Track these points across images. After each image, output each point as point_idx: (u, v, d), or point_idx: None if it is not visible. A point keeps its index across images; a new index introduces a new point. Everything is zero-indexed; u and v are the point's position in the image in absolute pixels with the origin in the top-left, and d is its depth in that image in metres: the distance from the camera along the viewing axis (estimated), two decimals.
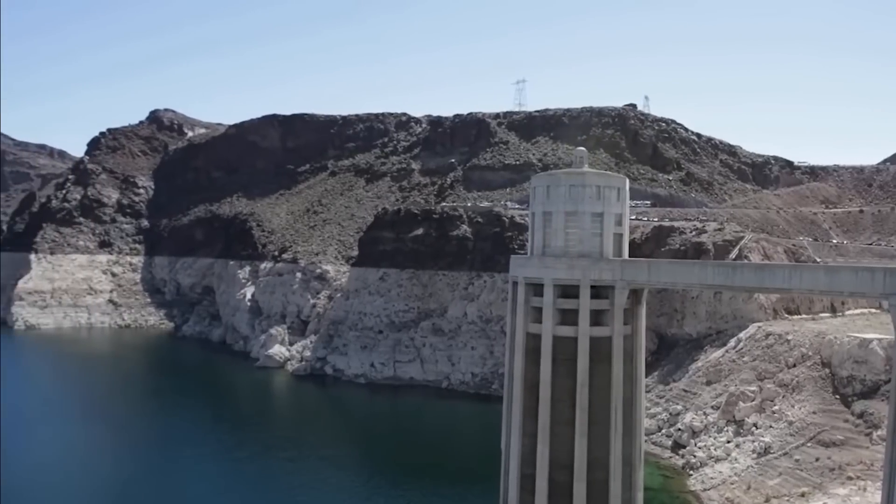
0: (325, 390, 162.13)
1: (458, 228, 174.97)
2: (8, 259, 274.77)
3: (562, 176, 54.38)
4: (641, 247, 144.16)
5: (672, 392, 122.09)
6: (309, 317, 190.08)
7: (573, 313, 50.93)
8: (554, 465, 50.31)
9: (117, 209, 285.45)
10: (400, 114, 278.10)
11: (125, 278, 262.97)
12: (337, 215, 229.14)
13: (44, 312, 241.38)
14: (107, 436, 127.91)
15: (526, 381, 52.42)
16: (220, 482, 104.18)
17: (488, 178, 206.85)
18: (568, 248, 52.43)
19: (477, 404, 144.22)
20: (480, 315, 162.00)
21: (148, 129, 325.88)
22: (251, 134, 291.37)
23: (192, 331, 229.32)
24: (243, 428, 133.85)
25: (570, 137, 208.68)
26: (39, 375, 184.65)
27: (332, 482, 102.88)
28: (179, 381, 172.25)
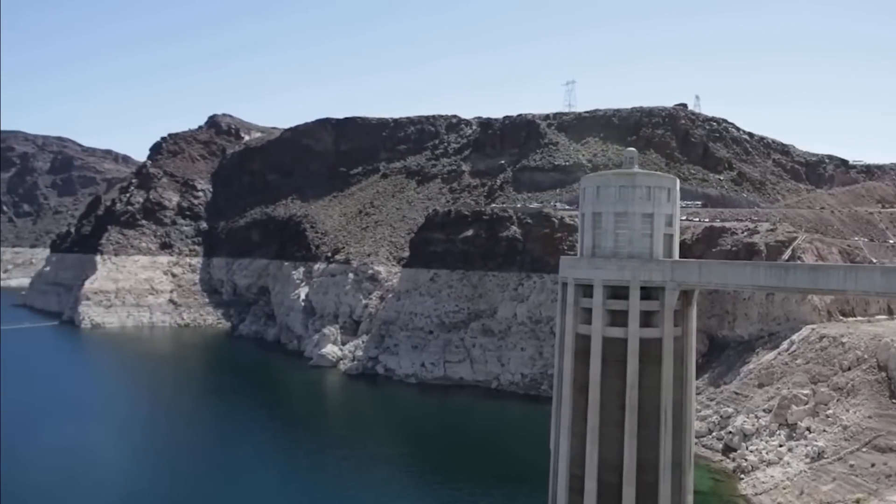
0: (377, 390, 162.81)
1: (507, 229, 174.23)
2: (76, 260, 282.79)
3: (612, 177, 53.65)
4: (692, 248, 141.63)
5: (723, 394, 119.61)
6: (361, 317, 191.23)
7: (623, 314, 50.16)
8: (603, 466, 49.60)
9: (177, 212, 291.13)
10: (450, 116, 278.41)
11: (185, 279, 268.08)
12: (388, 217, 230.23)
13: (108, 311, 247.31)
14: (168, 431, 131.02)
15: (575, 382, 51.80)
16: (276, 479, 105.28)
17: (538, 180, 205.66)
18: (618, 249, 51.70)
19: (526, 405, 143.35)
20: (530, 316, 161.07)
21: (206, 134, 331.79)
22: (305, 137, 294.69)
23: (248, 330, 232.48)
24: (298, 426, 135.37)
25: (620, 138, 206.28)
26: (107, 372, 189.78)
27: (383, 480, 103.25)
28: (236, 380, 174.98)
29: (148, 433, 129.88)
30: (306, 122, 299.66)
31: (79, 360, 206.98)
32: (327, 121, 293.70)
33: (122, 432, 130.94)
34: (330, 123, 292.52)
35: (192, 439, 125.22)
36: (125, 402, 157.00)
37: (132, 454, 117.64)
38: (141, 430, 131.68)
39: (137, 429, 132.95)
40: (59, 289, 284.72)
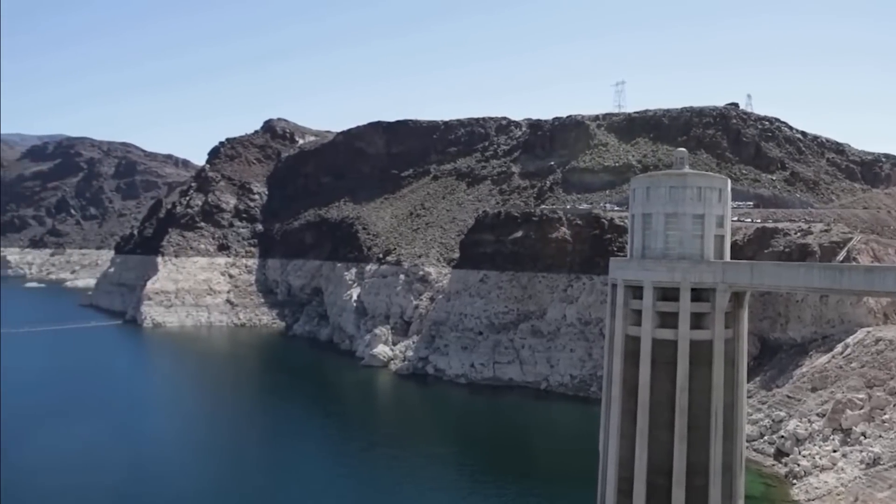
0: (427, 389, 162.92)
1: (557, 231, 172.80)
2: (138, 261, 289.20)
3: (662, 177, 52.76)
4: (744, 249, 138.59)
5: (775, 398, 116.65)
6: (412, 317, 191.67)
7: (673, 316, 49.25)
8: (652, 469, 48.73)
9: (234, 214, 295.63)
10: (500, 118, 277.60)
11: (241, 279, 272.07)
12: (439, 218, 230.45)
13: (169, 311, 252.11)
14: (227, 427, 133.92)
15: (625, 384, 51.01)
16: (329, 475, 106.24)
17: (587, 181, 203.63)
18: (668, 250, 50.84)
19: (575, 406, 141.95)
20: (579, 317, 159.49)
21: (262, 138, 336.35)
22: (357, 140, 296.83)
23: (301, 330, 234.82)
24: (350, 424, 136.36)
25: (670, 138, 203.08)
26: (169, 370, 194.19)
27: (432, 478, 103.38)
28: (290, 379, 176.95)
29: (208, 428, 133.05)
30: (358, 126, 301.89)
31: (143, 359, 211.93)
32: (379, 124, 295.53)
33: (185, 427, 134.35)
34: (381, 126, 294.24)
35: (249, 435, 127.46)
36: (187, 398, 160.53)
37: (194, 448, 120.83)
38: (202, 426, 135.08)
39: (199, 424, 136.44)
40: (123, 289, 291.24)
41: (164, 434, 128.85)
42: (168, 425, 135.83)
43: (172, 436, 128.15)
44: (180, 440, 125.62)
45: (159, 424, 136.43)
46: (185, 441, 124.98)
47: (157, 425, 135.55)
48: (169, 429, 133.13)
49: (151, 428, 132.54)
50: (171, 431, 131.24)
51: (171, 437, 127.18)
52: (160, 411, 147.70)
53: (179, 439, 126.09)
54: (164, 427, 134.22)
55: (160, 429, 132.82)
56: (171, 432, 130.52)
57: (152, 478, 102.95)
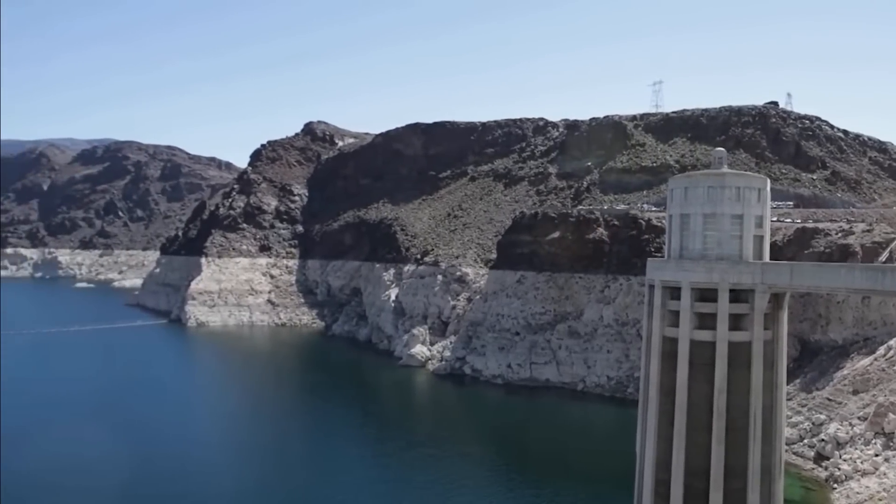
0: (464, 390, 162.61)
1: (594, 231, 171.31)
2: (183, 262, 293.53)
3: (700, 177, 51.93)
4: (783, 249, 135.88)
5: (815, 401, 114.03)
6: (449, 318, 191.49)
7: (711, 317, 48.40)
8: (690, 471, 47.89)
9: (275, 216, 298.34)
10: (537, 118, 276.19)
11: (282, 280, 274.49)
12: (476, 219, 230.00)
13: (212, 311, 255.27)
14: (269, 424, 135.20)
15: (662, 386, 50.25)
16: (367, 473, 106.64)
17: (625, 181, 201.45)
18: (706, 250, 50.00)
19: (612, 407, 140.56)
20: (616, 318, 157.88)
21: (303, 141, 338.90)
22: (396, 142, 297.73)
23: (340, 330, 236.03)
24: (388, 424, 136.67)
25: (708, 138, 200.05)
26: (214, 368, 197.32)
27: (469, 479, 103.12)
28: (330, 378, 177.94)
29: (250, 426, 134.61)
30: (397, 128, 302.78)
31: (188, 358, 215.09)
32: (417, 125, 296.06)
33: (228, 425, 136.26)
34: (420, 128, 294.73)
35: (290, 433, 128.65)
36: (230, 396, 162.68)
37: (236, 445, 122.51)
38: (244, 423, 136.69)
39: (241, 422, 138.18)
40: (168, 289, 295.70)
41: (207, 431, 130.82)
42: (212, 423, 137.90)
43: (216, 433, 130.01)
44: (223, 437, 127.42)
45: (203, 422, 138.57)
46: (228, 438, 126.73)
47: (201, 422, 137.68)
48: (213, 426, 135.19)
49: (196, 425, 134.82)
50: (214, 429, 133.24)
51: (214, 435, 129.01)
52: (204, 409, 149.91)
53: (222, 436, 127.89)
54: (208, 424, 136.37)
55: (204, 426, 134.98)
56: (215, 429, 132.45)
57: (195, 473, 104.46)
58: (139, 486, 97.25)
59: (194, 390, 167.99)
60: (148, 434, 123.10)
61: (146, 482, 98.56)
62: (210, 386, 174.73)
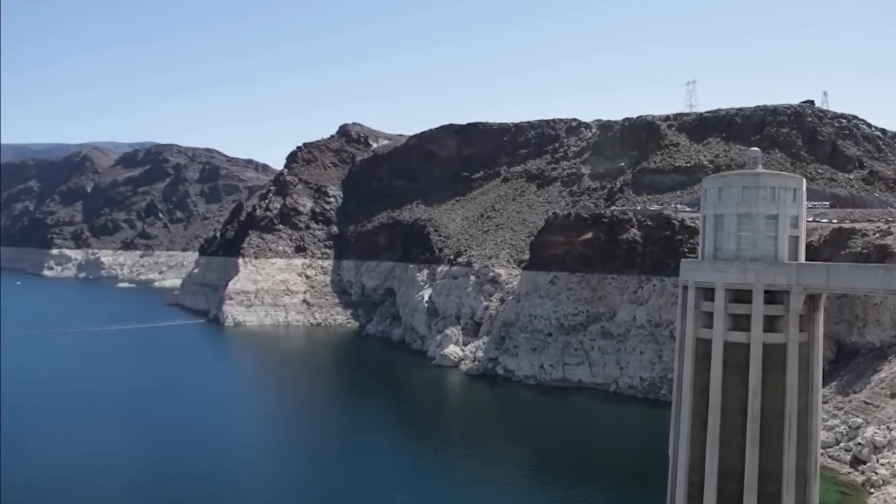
0: (497, 390, 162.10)
1: (627, 232, 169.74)
2: (221, 263, 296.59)
3: (734, 177, 51.10)
4: (819, 250, 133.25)
5: (852, 404, 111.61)
6: (482, 318, 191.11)
7: (745, 319, 47.56)
8: (723, 473, 47.12)
9: (311, 217, 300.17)
10: (570, 119, 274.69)
11: (317, 280, 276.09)
12: (509, 220, 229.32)
13: (249, 311, 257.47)
14: (305, 422, 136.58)
15: (695, 387, 49.52)
16: (401, 472, 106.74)
17: (658, 181, 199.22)
18: (740, 251, 49.17)
19: (645, 409, 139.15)
20: (649, 319, 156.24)
21: (338, 142, 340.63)
22: (429, 143, 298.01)
23: (374, 330, 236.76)
24: (421, 423, 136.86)
25: (742, 138, 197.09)
26: (251, 367, 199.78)
27: (500, 478, 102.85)
28: (364, 377, 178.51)
29: (286, 424, 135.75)
30: (430, 129, 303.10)
31: (226, 356, 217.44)
32: (450, 127, 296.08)
33: (265, 422, 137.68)
34: (453, 129, 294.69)
35: (325, 432, 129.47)
36: (267, 395, 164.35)
37: (273, 443, 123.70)
38: (281, 421, 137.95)
39: (278, 420, 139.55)
40: (206, 289, 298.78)
41: (245, 430, 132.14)
42: (249, 421, 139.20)
43: (253, 432, 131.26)
44: (260, 436, 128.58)
45: (241, 420, 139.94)
46: (265, 437, 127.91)
47: (238, 421, 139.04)
48: (250, 425, 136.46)
49: (234, 423, 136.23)
50: (252, 427, 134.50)
51: (251, 433, 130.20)
52: (242, 408, 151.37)
53: (260, 435, 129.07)
54: (246, 423, 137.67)
55: (242, 425, 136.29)
56: (253, 428, 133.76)
57: (233, 472, 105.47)
58: (177, 485, 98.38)
59: (232, 389, 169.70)
60: (186, 432, 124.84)
61: (184, 481, 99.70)
62: (247, 385, 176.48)
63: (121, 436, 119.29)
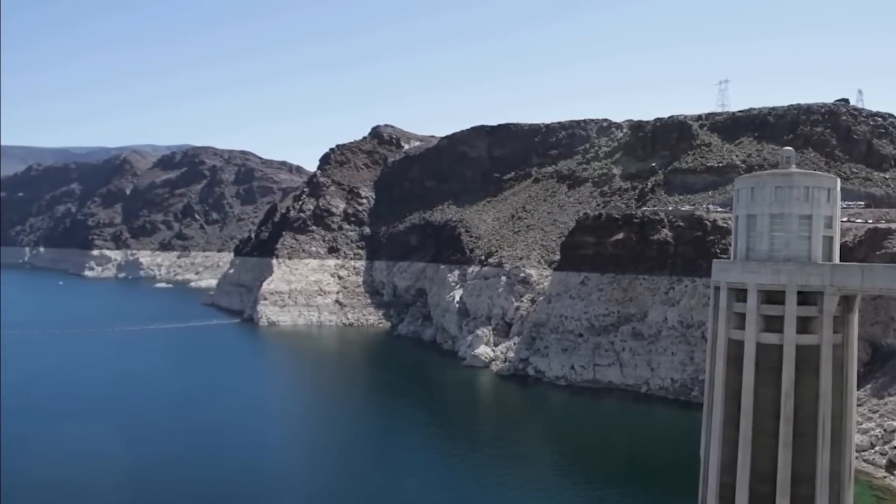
0: (527, 391, 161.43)
1: (658, 233, 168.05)
2: (255, 263, 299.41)
3: (767, 177, 50.11)
4: (854, 250, 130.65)
5: (887, 407, 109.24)
6: (513, 319, 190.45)
7: (778, 320, 46.58)
8: (755, 476, 46.22)
9: (343, 218, 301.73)
10: (601, 119, 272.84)
11: (349, 281, 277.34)
12: (540, 221, 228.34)
13: (283, 311, 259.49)
14: (338, 421, 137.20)
15: (727, 389, 48.66)
16: (434, 472, 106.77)
17: (690, 182, 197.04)
18: (773, 251, 48.18)
19: (676, 410, 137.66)
20: (681, 320, 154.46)
21: (370, 144, 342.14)
22: (461, 144, 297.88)
23: (406, 330, 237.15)
24: (452, 423, 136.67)
25: (776, 137, 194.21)
26: (286, 367, 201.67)
27: (531, 478, 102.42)
28: (396, 377, 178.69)
29: (321, 423, 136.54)
30: (462, 130, 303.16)
31: (261, 356, 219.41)
32: (482, 128, 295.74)
33: (299, 422, 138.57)
34: (484, 130, 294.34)
35: (358, 432, 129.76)
36: (300, 394, 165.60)
37: (307, 442, 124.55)
38: (315, 421, 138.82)
39: (312, 419, 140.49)
40: (241, 289, 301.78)
41: (280, 428, 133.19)
42: (284, 420, 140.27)
43: (288, 430, 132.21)
44: (296, 435, 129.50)
45: (276, 419, 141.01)
46: (300, 435, 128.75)
47: (274, 420, 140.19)
48: (285, 424, 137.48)
49: (270, 422, 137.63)
50: (287, 426, 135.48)
51: (287, 432, 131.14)
52: (277, 407, 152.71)
53: (295, 434, 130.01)
54: (281, 422, 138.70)
55: (277, 423, 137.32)
56: (287, 427, 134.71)
57: (268, 470, 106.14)
58: (213, 484, 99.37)
59: (268, 389, 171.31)
60: (224, 431, 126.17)
61: (219, 480, 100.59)
62: (282, 385, 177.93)
63: (160, 435, 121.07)
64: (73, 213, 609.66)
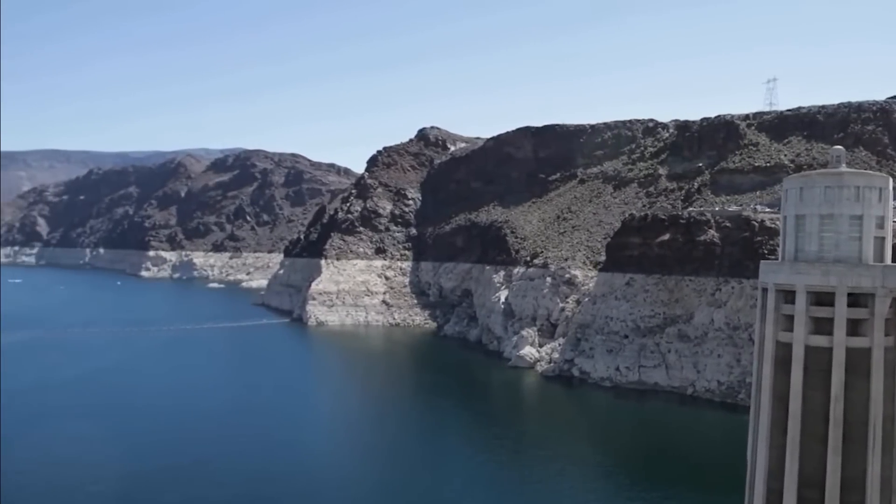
0: (572, 392, 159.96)
1: (705, 233, 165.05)
2: (304, 264, 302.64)
3: (816, 177, 48.70)
4: None
5: None
6: (558, 320, 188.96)
7: (828, 322, 45.23)
8: (803, 481, 44.94)
9: (390, 219, 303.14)
10: (647, 120, 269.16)
11: (396, 281, 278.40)
12: (585, 222, 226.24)
13: (331, 311, 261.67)
14: (387, 420, 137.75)
15: (775, 392, 47.41)
16: (480, 472, 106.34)
17: (737, 182, 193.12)
18: (822, 252, 46.85)
19: (722, 413, 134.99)
20: (727, 322, 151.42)
21: (416, 146, 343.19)
22: (506, 146, 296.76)
23: (452, 330, 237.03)
24: (498, 424, 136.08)
25: (825, 136, 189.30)
26: (335, 366, 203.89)
27: (577, 480, 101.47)
28: (442, 377, 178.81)
29: (369, 422, 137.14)
30: (507, 131, 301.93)
31: (310, 355, 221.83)
32: (527, 129, 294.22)
33: (348, 420, 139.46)
34: (530, 131, 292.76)
35: (406, 431, 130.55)
36: (349, 393, 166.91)
37: (355, 440, 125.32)
38: (364, 420, 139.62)
39: (362, 418, 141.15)
40: (291, 290, 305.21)
41: (329, 426, 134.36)
42: (333, 418, 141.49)
43: (338, 428, 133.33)
44: (345, 433, 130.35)
45: (326, 417, 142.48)
46: (349, 434, 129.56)
47: (324, 418, 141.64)
48: (333, 422, 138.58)
49: (320, 420, 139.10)
50: (335, 424, 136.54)
51: (336, 430, 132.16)
52: (326, 405, 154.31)
53: (344, 432, 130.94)
54: (330, 420, 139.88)
55: (326, 421, 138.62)
56: (336, 425, 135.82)
57: (317, 467, 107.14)
58: (265, 480, 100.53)
59: (317, 387, 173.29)
60: (275, 427, 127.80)
61: (271, 477, 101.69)
62: (331, 384, 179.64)
63: (216, 430, 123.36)
64: (131, 215, 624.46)
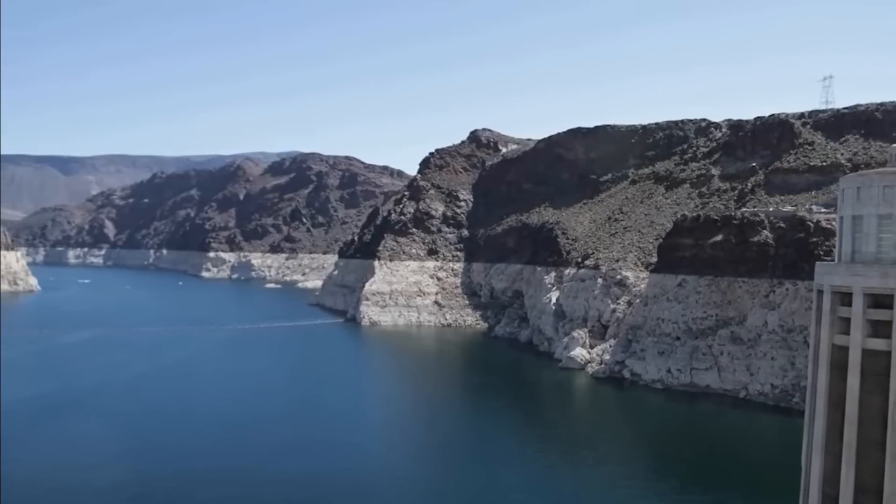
0: (623, 394, 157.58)
1: (758, 234, 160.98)
2: (358, 265, 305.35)
3: (874, 176, 46.81)
4: None
5: None
6: (609, 321, 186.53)
7: (886, 325, 43.39)
8: (860, 489, 43.20)
9: (442, 220, 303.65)
10: (699, 120, 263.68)
11: (448, 282, 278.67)
12: (637, 223, 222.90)
13: (384, 311, 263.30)
14: (438, 419, 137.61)
15: (830, 397, 45.72)
16: (530, 473, 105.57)
17: (791, 182, 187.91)
18: (880, 254, 45.01)
19: (775, 417, 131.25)
20: (781, 324, 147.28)
21: (468, 148, 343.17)
22: (557, 147, 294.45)
23: (503, 331, 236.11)
24: (549, 425, 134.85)
25: (884, 134, 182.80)
26: (389, 365, 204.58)
27: (627, 483, 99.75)
28: (493, 378, 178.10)
29: (423, 422, 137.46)
30: (558, 133, 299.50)
31: (365, 355, 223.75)
32: (578, 130, 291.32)
33: (402, 419, 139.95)
34: (581, 133, 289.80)
35: (459, 429, 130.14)
36: (403, 392, 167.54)
37: (407, 440, 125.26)
38: (418, 419, 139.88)
39: (415, 417, 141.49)
40: (345, 290, 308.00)
41: (383, 425, 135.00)
42: (387, 416, 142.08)
43: (391, 427, 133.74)
44: (397, 431, 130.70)
45: (380, 415, 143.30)
46: (402, 432, 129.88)
47: (377, 416, 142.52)
48: (387, 420, 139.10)
49: (373, 417, 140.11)
50: (389, 423, 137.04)
51: (389, 428, 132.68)
52: (380, 403, 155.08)
53: (397, 430, 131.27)
54: (384, 418, 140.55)
55: (380, 419, 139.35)
56: (390, 423, 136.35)
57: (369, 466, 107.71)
58: (318, 477, 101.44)
59: (371, 386, 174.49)
60: (330, 425, 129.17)
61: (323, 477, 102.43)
62: (385, 383, 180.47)
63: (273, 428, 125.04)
64: (192, 217, 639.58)
